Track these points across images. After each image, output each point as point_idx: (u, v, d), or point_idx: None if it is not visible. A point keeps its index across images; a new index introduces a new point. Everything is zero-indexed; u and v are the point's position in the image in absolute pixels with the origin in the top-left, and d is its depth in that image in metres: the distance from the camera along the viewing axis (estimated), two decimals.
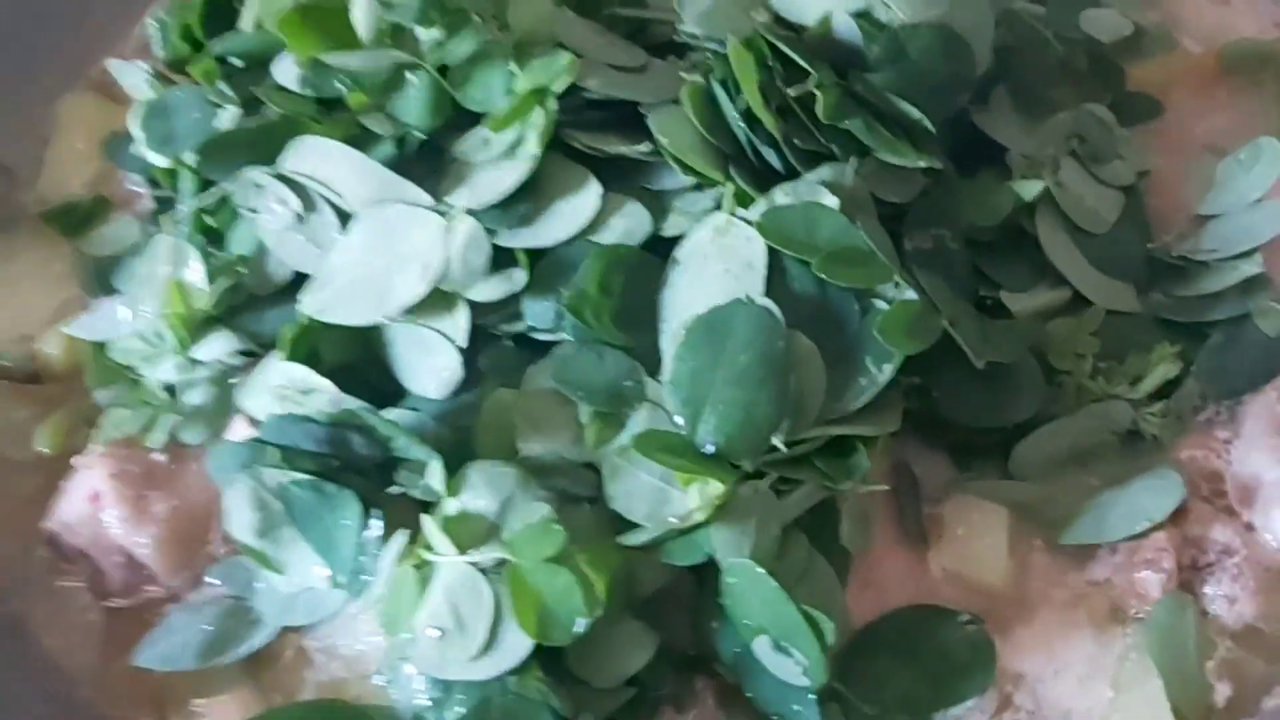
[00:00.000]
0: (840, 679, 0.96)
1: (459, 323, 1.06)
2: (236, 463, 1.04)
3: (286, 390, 1.04)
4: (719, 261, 1.01)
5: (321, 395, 1.03)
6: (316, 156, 1.08)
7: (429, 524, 0.96)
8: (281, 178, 1.09)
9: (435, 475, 0.97)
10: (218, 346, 1.12)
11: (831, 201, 1.00)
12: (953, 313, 1.00)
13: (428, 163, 1.11)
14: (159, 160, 1.17)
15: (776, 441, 0.94)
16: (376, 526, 1.01)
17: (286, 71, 1.15)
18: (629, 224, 1.06)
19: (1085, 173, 1.16)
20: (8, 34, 1.37)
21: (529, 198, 1.06)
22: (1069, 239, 1.12)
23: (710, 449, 0.95)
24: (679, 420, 0.98)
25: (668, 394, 0.99)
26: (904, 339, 0.96)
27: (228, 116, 1.16)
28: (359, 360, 1.09)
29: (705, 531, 0.94)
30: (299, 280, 1.10)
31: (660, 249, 1.05)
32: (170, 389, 1.13)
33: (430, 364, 1.07)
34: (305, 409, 1.03)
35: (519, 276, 1.06)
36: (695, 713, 1.02)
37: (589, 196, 1.06)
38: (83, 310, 1.24)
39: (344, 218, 1.08)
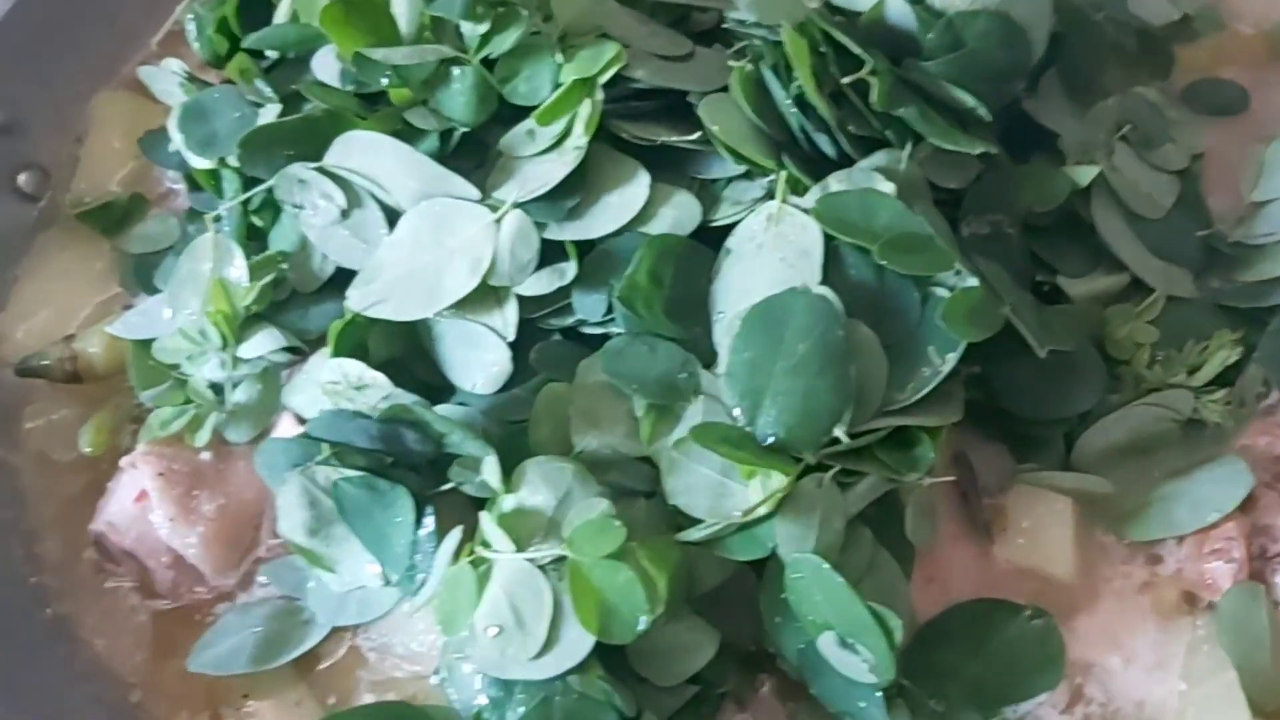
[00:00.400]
0: (906, 674, 0.94)
1: (508, 317, 1.05)
2: (287, 460, 1.03)
3: (338, 386, 1.03)
4: (774, 250, 0.99)
5: (374, 390, 1.01)
6: (363, 151, 1.06)
7: (486, 520, 0.95)
8: (326, 173, 1.07)
9: (491, 471, 0.96)
10: (262, 344, 1.11)
11: (887, 188, 0.99)
12: (1013, 300, 0.99)
13: (472, 157, 1.09)
14: (201, 163, 1.16)
15: (839, 432, 0.92)
16: (429, 523, 1.00)
17: (326, 67, 1.14)
18: (678, 214, 1.04)
19: (1138, 158, 1.14)
20: (40, 32, 1.36)
21: (577, 190, 1.04)
22: (1125, 224, 1.11)
23: (771, 440, 0.93)
24: (736, 413, 0.96)
25: (724, 385, 0.97)
26: (968, 326, 0.94)
27: (269, 114, 1.14)
28: (406, 356, 1.08)
29: (767, 526, 0.93)
30: (343, 276, 1.09)
31: (709, 239, 1.04)
32: (215, 387, 1.12)
33: (479, 359, 1.05)
34: (357, 404, 1.02)
35: (569, 270, 1.04)
36: (757, 710, 1.00)
37: (638, 187, 1.04)
38: (123, 309, 1.23)
39: (389, 213, 1.07)
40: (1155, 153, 1.16)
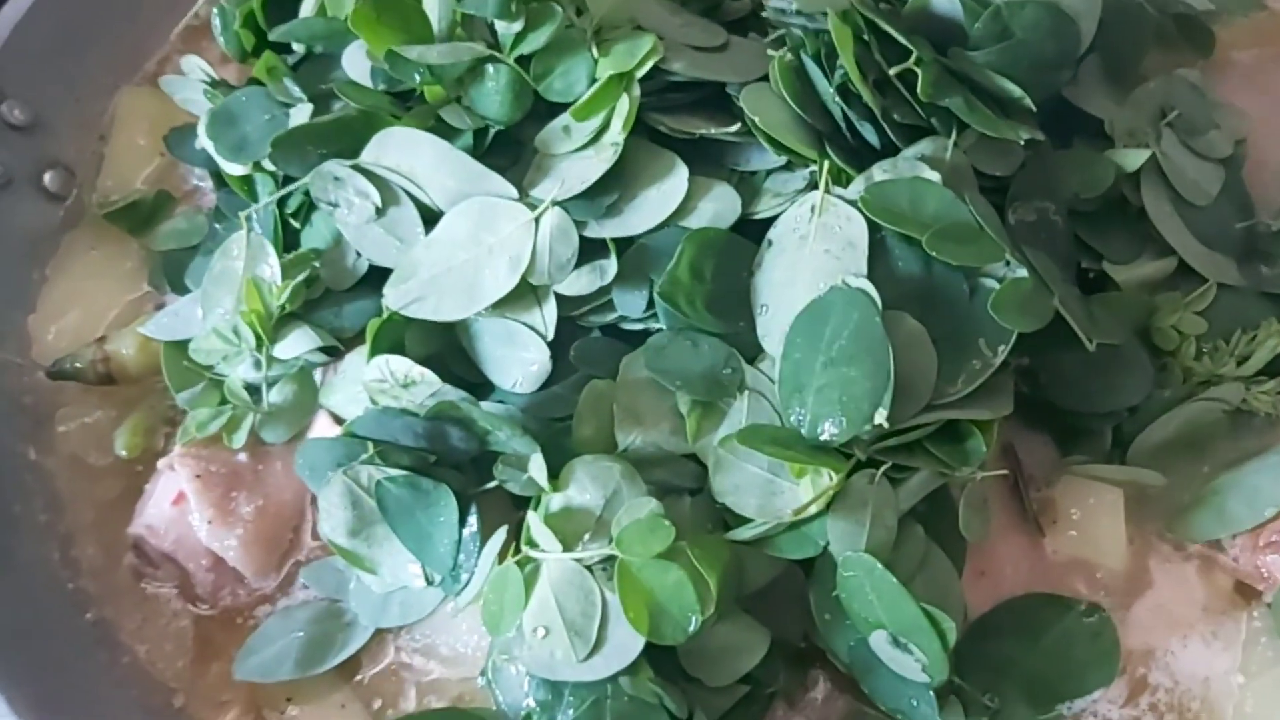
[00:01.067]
0: (958, 670, 0.93)
1: (547, 315, 1.03)
2: (330, 459, 1.02)
3: (383, 384, 1.01)
4: (818, 242, 0.98)
5: (421, 387, 1.00)
6: (400, 148, 1.05)
7: (533, 520, 0.94)
8: (361, 170, 1.06)
9: (538, 468, 0.95)
10: (297, 343, 1.09)
11: (933, 176, 0.97)
12: (1062, 292, 0.97)
13: (507, 154, 1.08)
14: (235, 169, 1.14)
15: (880, 418, 0.90)
16: (473, 523, 0.99)
17: (357, 64, 1.12)
18: (718, 207, 1.03)
19: (1183, 144, 1.12)
20: (61, 29, 1.34)
21: (616, 186, 1.02)
22: (1174, 210, 1.09)
23: (811, 433, 0.92)
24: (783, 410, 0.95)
25: (774, 388, 0.95)
26: (1019, 317, 0.93)
27: (300, 114, 1.12)
28: (443, 354, 1.06)
29: (818, 524, 0.92)
30: (378, 274, 1.07)
31: (751, 232, 1.02)
32: (251, 388, 1.11)
33: (518, 358, 1.04)
34: (401, 402, 1.01)
35: (609, 267, 1.03)
36: (808, 707, 0.99)
37: (677, 181, 1.03)
38: (154, 309, 1.22)
39: (425, 211, 1.05)
40: (1201, 139, 1.14)
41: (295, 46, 1.18)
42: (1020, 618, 0.99)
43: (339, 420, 1.09)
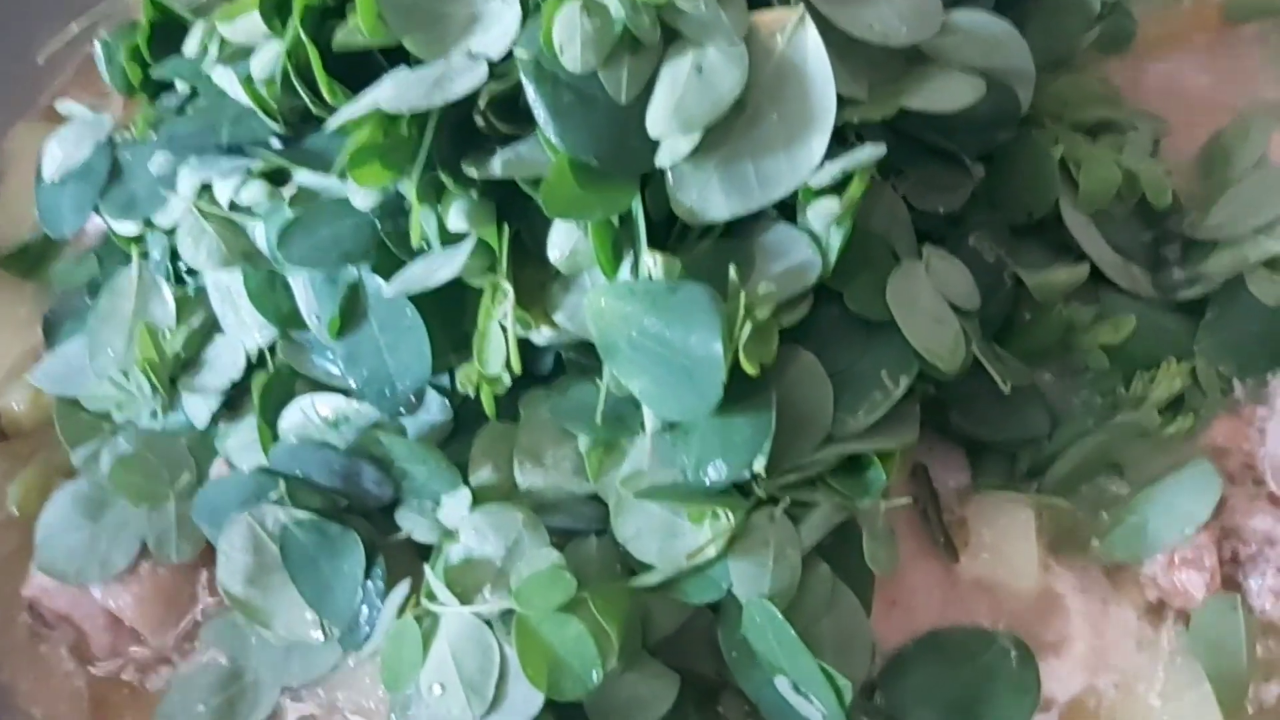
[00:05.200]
0: (869, 713, 0.92)
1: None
2: (235, 500, 0.98)
3: (306, 428, 0.99)
4: None
5: (353, 423, 0.98)
6: None
7: (430, 573, 0.91)
8: None
9: (462, 503, 0.92)
10: (198, 409, 1.06)
11: None
12: (979, 338, 0.95)
13: None
14: (127, 230, 1.10)
15: (758, 467, 0.87)
16: (377, 574, 0.96)
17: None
18: None
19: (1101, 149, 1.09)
20: None
21: None
22: (1089, 219, 1.06)
23: (701, 481, 0.88)
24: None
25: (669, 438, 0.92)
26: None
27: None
28: None
29: (721, 566, 0.89)
30: None
31: None
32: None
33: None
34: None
35: None
36: None
37: None
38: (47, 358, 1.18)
39: None
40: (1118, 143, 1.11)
41: (179, 86, 1.13)
42: (940, 653, 0.96)
43: (234, 468, 1.05)
